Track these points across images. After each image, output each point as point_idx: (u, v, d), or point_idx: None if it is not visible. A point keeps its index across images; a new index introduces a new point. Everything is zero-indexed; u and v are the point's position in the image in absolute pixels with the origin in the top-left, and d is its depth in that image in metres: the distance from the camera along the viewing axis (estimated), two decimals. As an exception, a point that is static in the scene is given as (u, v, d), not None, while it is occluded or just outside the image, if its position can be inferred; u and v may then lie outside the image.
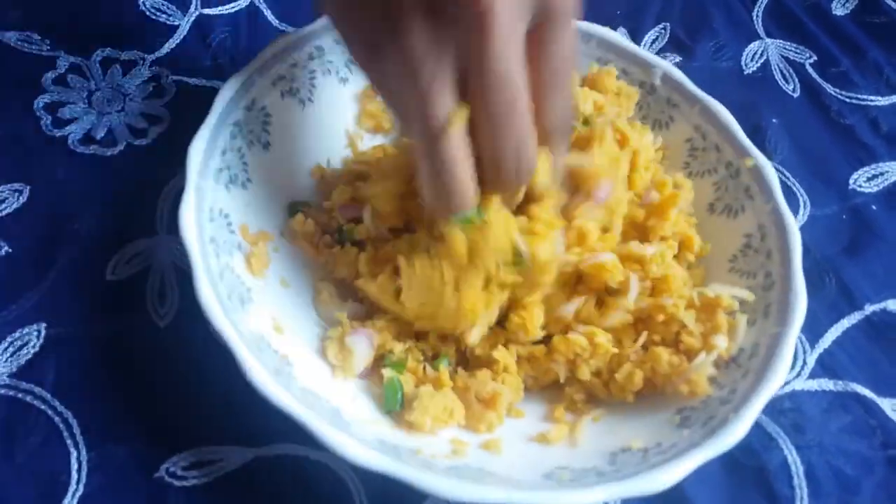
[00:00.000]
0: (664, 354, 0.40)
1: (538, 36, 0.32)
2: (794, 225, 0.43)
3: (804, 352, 0.46)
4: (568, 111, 0.36)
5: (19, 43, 0.52)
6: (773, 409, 0.43)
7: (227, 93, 0.44)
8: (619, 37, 0.52)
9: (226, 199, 0.42)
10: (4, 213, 0.45)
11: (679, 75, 0.50)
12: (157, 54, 0.53)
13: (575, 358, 0.40)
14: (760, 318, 0.41)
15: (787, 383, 0.44)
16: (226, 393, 0.39)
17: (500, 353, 0.40)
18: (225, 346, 0.35)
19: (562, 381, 0.41)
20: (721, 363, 0.40)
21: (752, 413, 0.36)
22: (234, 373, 0.35)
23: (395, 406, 0.39)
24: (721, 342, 0.40)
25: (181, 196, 0.39)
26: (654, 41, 0.61)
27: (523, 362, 0.41)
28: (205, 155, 0.41)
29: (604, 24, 0.52)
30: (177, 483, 0.38)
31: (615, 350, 0.40)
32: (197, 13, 0.56)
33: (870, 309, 0.48)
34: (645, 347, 0.41)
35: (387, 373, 0.40)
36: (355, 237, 0.44)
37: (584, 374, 0.40)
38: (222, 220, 0.41)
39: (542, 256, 0.38)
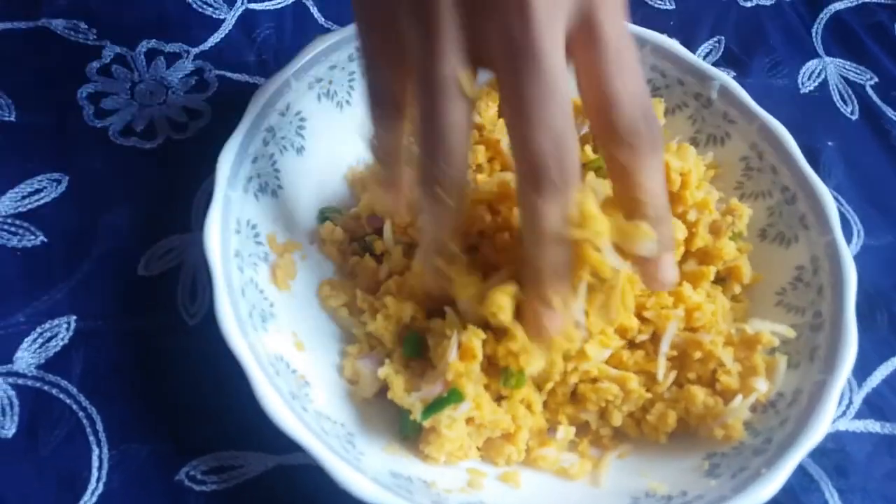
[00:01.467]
0: (700, 394, 0.38)
1: (585, 27, 0.29)
2: (850, 263, 0.41)
3: (851, 390, 0.44)
4: (642, 100, 0.29)
5: (66, 31, 0.52)
6: (815, 449, 0.40)
7: (260, 98, 0.43)
8: (675, 44, 0.49)
9: (254, 208, 0.41)
10: (42, 202, 0.45)
11: (738, 90, 0.47)
12: (202, 48, 0.53)
13: (606, 405, 0.39)
14: (805, 362, 0.39)
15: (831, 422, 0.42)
16: (250, 397, 0.38)
17: (525, 392, 0.38)
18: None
19: (593, 428, 0.39)
20: (758, 406, 0.38)
21: (786, 469, 0.34)
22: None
23: (412, 432, 0.37)
24: (761, 386, 0.38)
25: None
26: (707, 55, 0.59)
27: (550, 411, 0.39)
28: (234, 163, 0.41)
29: (656, 35, 0.50)
30: (196, 487, 0.37)
31: (649, 395, 0.38)
32: (243, 8, 0.56)
33: (923, 348, 0.46)
34: (679, 384, 0.39)
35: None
36: (374, 250, 0.43)
37: (617, 420, 0.39)
38: (249, 232, 0.40)
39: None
